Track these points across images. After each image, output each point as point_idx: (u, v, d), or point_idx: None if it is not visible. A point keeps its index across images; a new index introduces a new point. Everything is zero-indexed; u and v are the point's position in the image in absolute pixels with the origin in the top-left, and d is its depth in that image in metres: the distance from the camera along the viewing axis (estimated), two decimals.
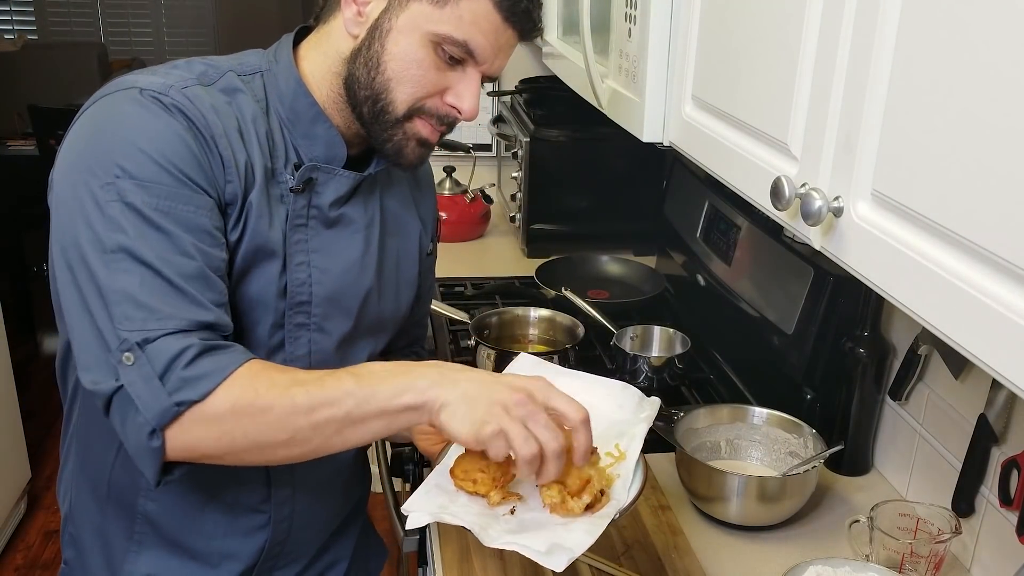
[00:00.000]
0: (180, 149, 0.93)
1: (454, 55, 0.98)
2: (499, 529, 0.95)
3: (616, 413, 1.08)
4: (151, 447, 0.88)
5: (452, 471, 0.99)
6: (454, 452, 1.05)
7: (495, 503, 0.97)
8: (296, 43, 1.07)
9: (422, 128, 1.02)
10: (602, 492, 0.98)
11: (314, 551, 1.24)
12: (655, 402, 1.09)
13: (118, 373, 0.88)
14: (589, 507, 0.97)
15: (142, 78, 0.98)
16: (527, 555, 0.90)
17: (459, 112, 1.01)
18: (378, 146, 1.05)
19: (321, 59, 1.04)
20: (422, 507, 0.97)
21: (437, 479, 1.02)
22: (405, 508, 0.97)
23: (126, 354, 0.88)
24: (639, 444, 1.04)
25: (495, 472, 0.97)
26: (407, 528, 0.96)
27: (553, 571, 0.89)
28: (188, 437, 0.89)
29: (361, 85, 1.01)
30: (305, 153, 1.04)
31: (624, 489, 1.00)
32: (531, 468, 0.89)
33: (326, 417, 0.89)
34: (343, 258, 1.09)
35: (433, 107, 1.01)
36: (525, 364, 1.15)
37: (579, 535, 0.92)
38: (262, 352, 1.05)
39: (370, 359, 1.17)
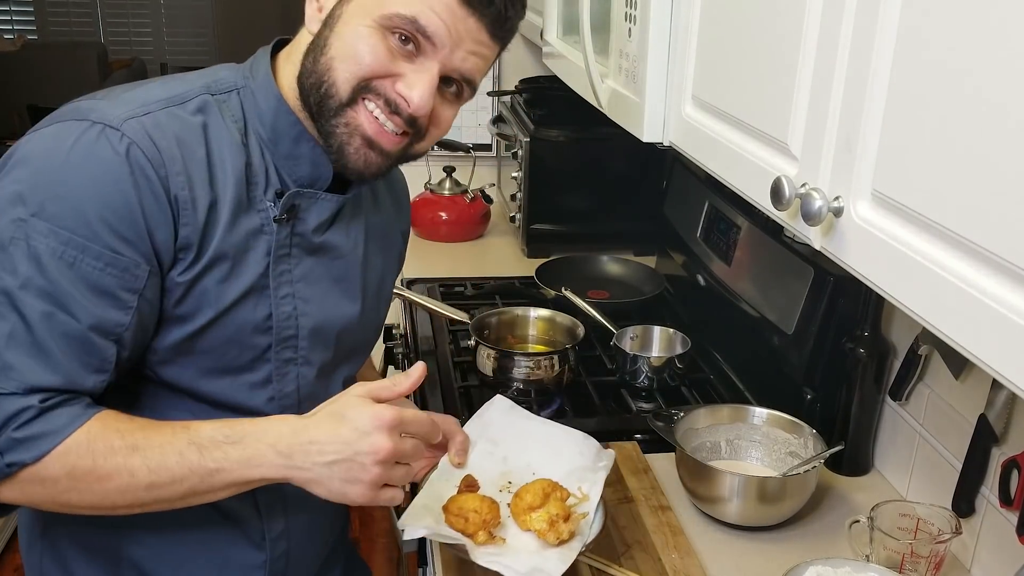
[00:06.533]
0: (114, 200, 0.86)
1: (404, 32, 0.91)
2: (482, 550, 1.06)
3: (577, 459, 1.19)
4: None
5: (446, 507, 1.08)
6: (441, 471, 1.14)
7: (480, 542, 1.06)
8: (275, 55, 1.02)
9: (366, 121, 0.94)
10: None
11: None
12: (611, 454, 1.19)
13: None
14: (560, 541, 1.07)
15: (99, 106, 0.91)
16: (508, 575, 1.01)
17: (407, 103, 0.93)
18: (324, 144, 0.97)
19: (291, 68, 0.98)
20: (416, 523, 1.05)
21: (424, 499, 1.09)
22: (400, 524, 1.04)
23: None
24: (599, 489, 1.14)
25: (486, 514, 1.07)
26: (405, 539, 1.03)
27: None
28: (23, 493, 0.88)
29: (307, 73, 0.95)
30: (288, 175, 0.99)
31: (587, 526, 1.10)
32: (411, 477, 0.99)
33: (167, 493, 0.89)
34: (326, 286, 1.05)
35: (381, 87, 0.93)
36: (499, 408, 1.25)
37: (554, 562, 1.04)
38: (245, 388, 1.01)
39: (345, 384, 1.12)
